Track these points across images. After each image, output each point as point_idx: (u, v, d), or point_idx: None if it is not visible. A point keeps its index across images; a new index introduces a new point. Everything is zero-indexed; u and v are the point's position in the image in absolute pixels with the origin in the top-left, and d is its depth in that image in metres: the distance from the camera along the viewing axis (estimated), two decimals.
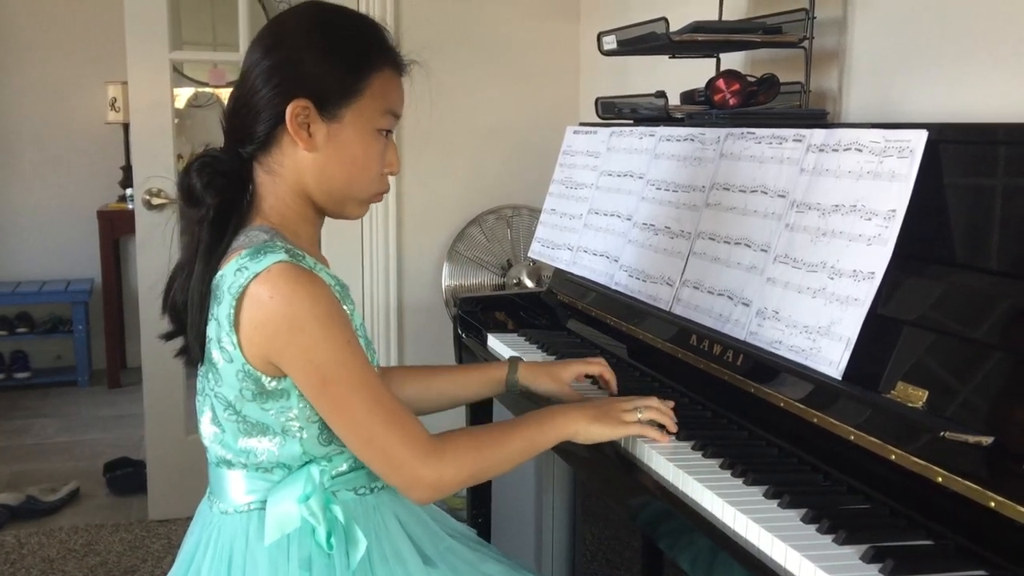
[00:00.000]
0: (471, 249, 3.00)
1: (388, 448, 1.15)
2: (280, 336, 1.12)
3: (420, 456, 1.15)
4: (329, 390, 1.14)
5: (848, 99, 1.78)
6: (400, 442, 1.15)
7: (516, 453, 1.25)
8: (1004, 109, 1.44)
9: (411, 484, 1.17)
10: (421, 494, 1.18)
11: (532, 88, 3.07)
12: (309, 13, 1.24)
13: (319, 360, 1.12)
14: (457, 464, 1.18)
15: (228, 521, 1.22)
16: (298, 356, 1.12)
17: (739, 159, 1.54)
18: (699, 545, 1.13)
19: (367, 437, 1.15)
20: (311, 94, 1.17)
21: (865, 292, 1.21)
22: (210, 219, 1.18)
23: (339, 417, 1.16)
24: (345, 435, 1.17)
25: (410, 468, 1.16)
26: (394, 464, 1.16)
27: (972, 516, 0.98)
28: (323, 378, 1.13)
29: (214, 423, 1.21)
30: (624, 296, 1.77)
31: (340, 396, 1.14)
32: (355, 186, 1.24)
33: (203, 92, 4.84)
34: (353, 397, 1.14)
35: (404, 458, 1.15)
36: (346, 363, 1.14)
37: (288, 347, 1.12)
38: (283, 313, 1.11)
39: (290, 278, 1.12)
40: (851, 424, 1.15)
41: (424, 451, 1.16)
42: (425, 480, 1.16)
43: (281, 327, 1.11)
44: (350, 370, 1.14)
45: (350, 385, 1.14)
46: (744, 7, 2.06)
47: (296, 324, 1.11)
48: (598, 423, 1.28)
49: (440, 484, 1.17)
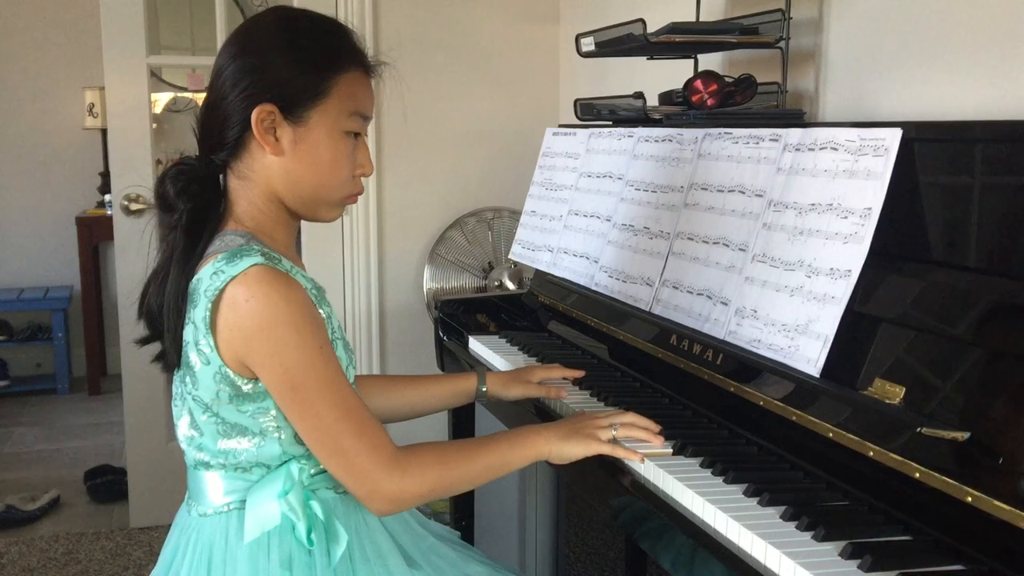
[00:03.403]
0: (452, 252, 3.00)
1: (352, 457, 1.14)
2: (253, 339, 1.11)
3: (384, 467, 1.14)
4: (297, 394, 1.13)
5: (825, 99, 1.79)
6: (365, 452, 1.14)
7: (484, 471, 1.23)
8: (977, 107, 1.45)
9: (371, 495, 1.16)
10: (380, 505, 1.17)
11: (512, 90, 3.07)
12: (275, 17, 1.24)
13: (289, 364, 1.12)
14: (420, 478, 1.17)
15: (207, 522, 1.21)
16: (269, 359, 1.12)
17: (717, 159, 1.55)
18: (680, 544, 1.13)
19: (332, 444, 1.14)
20: (276, 98, 1.17)
21: (842, 290, 1.22)
22: (183, 225, 1.18)
23: (306, 422, 1.14)
24: (310, 440, 1.16)
25: (372, 479, 1.14)
26: (356, 473, 1.14)
27: (949, 511, 0.99)
28: (292, 382, 1.12)
29: (192, 426, 1.20)
30: (604, 297, 1.77)
31: (308, 401, 1.13)
32: (325, 189, 1.23)
33: (182, 97, 4.82)
34: (321, 403, 1.13)
35: (367, 468, 1.14)
36: (316, 368, 1.13)
37: (260, 350, 1.12)
38: (257, 315, 1.11)
39: (265, 280, 1.11)
40: (829, 421, 1.16)
41: (388, 463, 1.14)
42: (386, 492, 1.15)
43: (255, 330, 1.11)
44: (319, 375, 1.13)
45: (319, 390, 1.13)
46: (721, 8, 2.07)
47: (269, 327, 1.11)
48: (571, 441, 1.26)
49: (400, 497, 1.16)
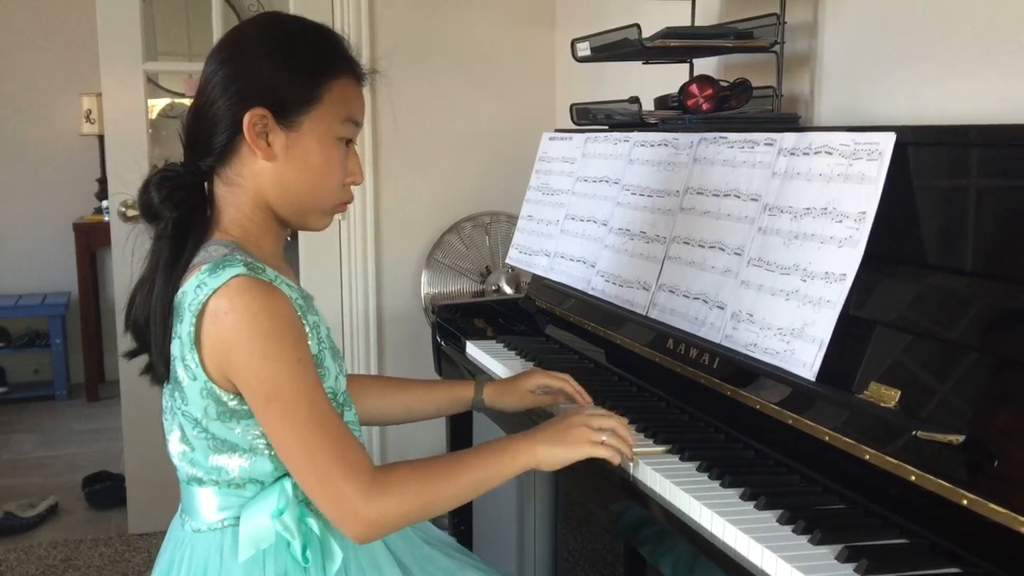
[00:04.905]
0: (449, 257, 3.00)
1: (328, 476, 1.08)
2: (232, 351, 1.09)
3: (361, 489, 1.08)
4: (272, 407, 1.09)
5: (820, 102, 1.80)
6: (341, 472, 1.08)
7: (468, 488, 1.17)
8: (972, 111, 1.46)
9: (348, 518, 1.10)
10: (356, 530, 1.11)
11: (509, 95, 3.07)
12: (266, 23, 1.23)
13: (264, 376, 1.08)
14: (400, 500, 1.11)
15: (201, 539, 1.20)
16: (245, 371, 1.09)
17: (712, 163, 1.55)
18: (678, 549, 1.13)
19: (306, 462, 1.09)
20: (269, 102, 1.15)
21: (837, 294, 1.22)
22: (169, 234, 1.16)
23: (280, 437, 1.10)
24: (286, 457, 1.12)
25: (349, 501, 1.09)
26: (331, 494, 1.09)
27: (945, 514, 0.99)
28: (267, 395, 1.09)
29: (183, 441, 1.19)
30: (601, 301, 1.78)
31: (283, 415, 1.09)
32: (316, 195, 1.21)
33: (179, 103, 4.82)
34: (296, 417, 1.09)
35: (343, 489, 1.08)
36: (293, 382, 1.09)
37: (238, 361, 1.09)
38: (236, 327, 1.08)
39: (246, 291, 1.09)
40: (825, 425, 1.16)
41: (366, 483, 1.09)
42: (363, 516, 1.09)
43: (233, 342, 1.09)
44: (296, 390, 1.09)
45: (295, 404, 1.09)
46: (716, 13, 2.07)
47: (246, 338, 1.08)
48: (559, 447, 1.21)
49: (378, 521, 1.10)
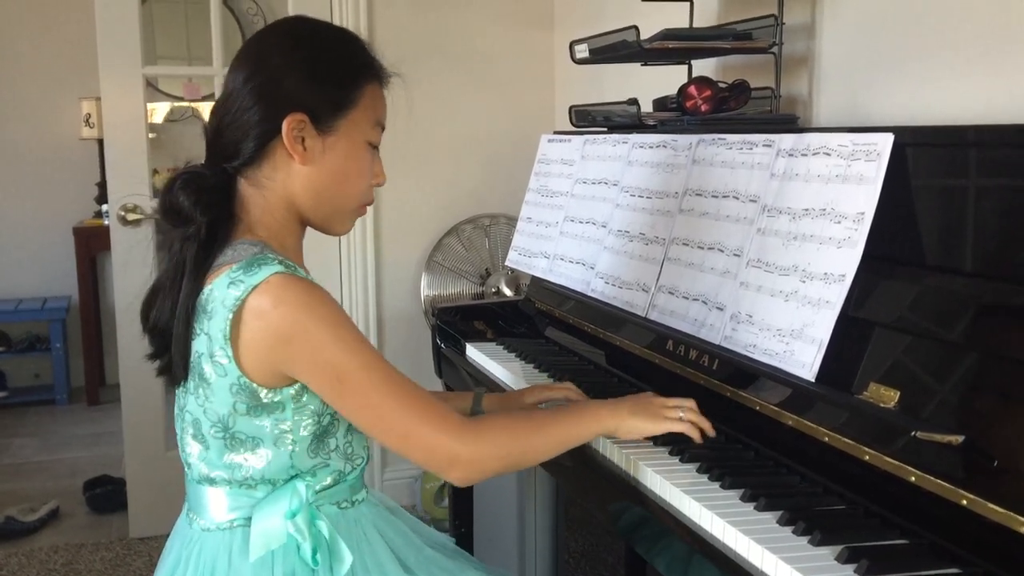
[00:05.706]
0: (449, 259, 3.00)
1: (421, 436, 1.15)
2: (290, 344, 1.11)
3: (455, 436, 1.15)
4: (349, 388, 1.13)
5: (818, 103, 1.80)
6: (432, 428, 1.15)
7: (553, 443, 1.25)
8: (970, 111, 1.46)
9: (451, 463, 1.16)
10: (461, 472, 1.17)
11: (508, 97, 3.07)
12: (291, 28, 1.26)
13: (334, 360, 1.12)
14: (494, 444, 1.18)
15: (210, 538, 1.21)
16: (311, 360, 1.12)
17: (711, 165, 1.55)
18: (678, 550, 1.14)
19: (399, 430, 1.15)
20: (306, 108, 1.18)
21: (836, 294, 1.22)
22: (202, 238, 1.17)
23: (366, 415, 1.15)
24: (376, 432, 1.17)
25: (447, 448, 1.15)
26: (430, 449, 1.15)
27: (945, 514, 0.99)
28: (339, 377, 1.12)
29: (197, 439, 1.20)
30: (601, 303, 1.78)
31: (362, 393, 1.14)
32: (345, 198, 1.26)
33: (178, 107, 4.82)
34: (373, 392, 1.14)
35: (440, 441, 1.15)
36: (362, 360, 1.13)
37: (301, 351, 1.12)
38: (293, 319, 1.11)
39: (290, 287, 1.12)
40: (825, 426, 1.16)
41: (458, 431, 1.16)
42: (464, 457, 1.16)
43: (292, 332, 1.11)
44: (367, 366, 1.14)
45: (371, 381, 1.13)
46: (714, 14, 2.07)
47: (304, 328, 1.11)
48: (638, 417, 1.28)
49: (479, 459, 1.17)
